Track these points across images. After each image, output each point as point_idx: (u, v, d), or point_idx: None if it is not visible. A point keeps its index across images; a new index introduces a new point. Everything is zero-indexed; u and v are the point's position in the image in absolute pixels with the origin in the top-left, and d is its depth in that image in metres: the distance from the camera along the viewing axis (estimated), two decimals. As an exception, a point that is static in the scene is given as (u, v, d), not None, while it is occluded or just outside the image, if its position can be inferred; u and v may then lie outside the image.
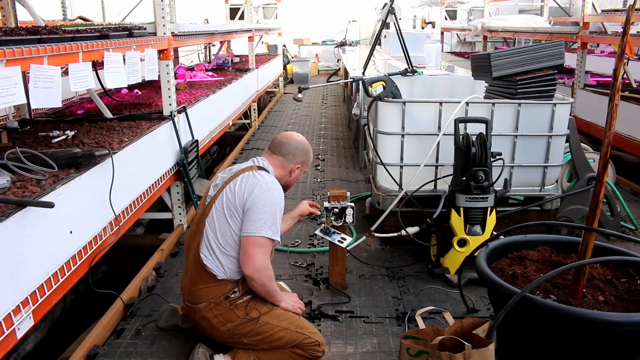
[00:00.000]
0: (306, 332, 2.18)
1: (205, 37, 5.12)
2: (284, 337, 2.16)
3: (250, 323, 2.15)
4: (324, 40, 15.10)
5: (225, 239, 2.15)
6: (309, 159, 2.43)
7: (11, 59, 1.93)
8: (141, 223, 4.79)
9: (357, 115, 5.18)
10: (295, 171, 2.38)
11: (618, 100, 1.89)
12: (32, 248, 1.95)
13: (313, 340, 2.18)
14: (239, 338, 2.17)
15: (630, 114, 4.73)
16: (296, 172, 2.38)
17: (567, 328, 1.83)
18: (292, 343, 2.16)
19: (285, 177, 2.35)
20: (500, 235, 2.43)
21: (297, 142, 2.38)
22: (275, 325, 2.16)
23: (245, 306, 2.17)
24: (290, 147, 2.35)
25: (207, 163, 7.35)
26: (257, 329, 2.15)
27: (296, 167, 2.37)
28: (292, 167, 2.36)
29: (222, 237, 2.15)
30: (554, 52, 3.30)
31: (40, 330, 3.40)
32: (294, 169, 2.36)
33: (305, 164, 2.42)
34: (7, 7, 3.66)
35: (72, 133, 2.93)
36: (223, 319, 2.15)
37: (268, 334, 2.15)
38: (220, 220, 2.15)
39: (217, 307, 2.16)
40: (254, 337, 2.16)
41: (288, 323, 2.18)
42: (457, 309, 2.72)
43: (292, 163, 2.35)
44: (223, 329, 2.16)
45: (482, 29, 8.80)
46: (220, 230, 2.15)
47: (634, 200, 4.38)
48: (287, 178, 2.37)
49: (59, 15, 7.40)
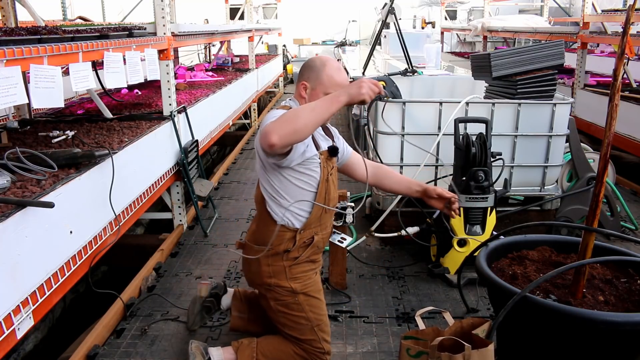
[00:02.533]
0: (320, 335, 2.14)
1: (205, 37, 5.12)
2: (302, 327, 2.11)
3: (289, 294, 2.10)
4: (324, 40, 15.08)
5: (269, 183, 2.05)
6: (320, 72, 2.06)
7: (11, 59, 1.93)
8: (141, 223, 4.79)
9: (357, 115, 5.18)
10: (306, 92, 2.08)
11: (618, 100, 1.89)
12: (32, 248, 1.95)
13: (321, 347, 2.13)
14: (270, 298, 2.12)
15: (630, 114, 4.73)
16: (308, 93, 2.07)
17: (567, 328, 1.83)
18: (302, 337, 2.11)
19: (300, 102, 2.10)
20: (500, 235, 2.43)
21: (309, 60, 2.14)
22: (303, 311, 2.11)
23: (297, 273, 2.11)
24: (301, 66, 2.14)
25: (207, 163, 7.34)
26: (288, 302, 2.10)
27: (302, 86, 2.09)
28: (299, 85, 2.10)
29: (265, 182, 2.06)
30: (554, 52, 3.30)
31: (40, 330, 3.40)
32: (300, 89, 2.09)
33: (315, 79, 2.06)
34: (7, 7, 3.66)
35: (72, 133, 2.93)
36: (272, 271, 2.09)
37: (292, 314, 2.10)
38: (258, 166, 2.09)
39: (273, 257, 2.09)
40: (280, 306, 2.11)
41: (314, 317, 2.12)
42: (457, 309, 2.72)
43: (299, 82, 2.11)
44: (266, 280, 2.10)
45: (482, 29, 8.79)
46: (262, 177, 2.08)
47: (634, 200, 4.38)
48: (304, 102, 2.08)
49: (59, 15, 7.40)
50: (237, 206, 4.37)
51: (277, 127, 1.74)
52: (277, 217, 2.05)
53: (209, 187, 3.95)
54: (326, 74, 2.05)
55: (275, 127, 1.74)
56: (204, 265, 3.27)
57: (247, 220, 4.03)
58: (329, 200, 2.10)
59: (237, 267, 3.23)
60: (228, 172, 5.43)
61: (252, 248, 2.12)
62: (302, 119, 1.76)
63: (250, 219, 4.04)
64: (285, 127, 1.74)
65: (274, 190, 2.05)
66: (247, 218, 4.08)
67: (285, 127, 1.74)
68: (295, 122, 1.75)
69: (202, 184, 3.90)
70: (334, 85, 2.04)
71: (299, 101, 2.10)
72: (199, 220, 3.82)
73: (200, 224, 3.81)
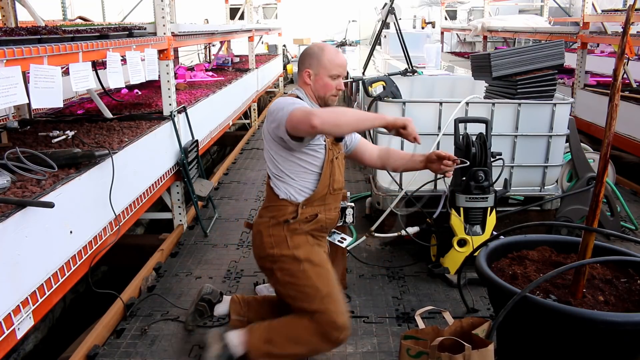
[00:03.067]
0: (332, 307, 2.07)
1: (205, 37, 5.12)
2: (311, 297, 2.07)
3: (293, 262, 2.11)
4: (324, 40, 15.08)
5: (273, 164, 2.15)
6: (320, 57, 2.15)
7: (11, 59, 1.93)
8: (141, 223, 4.79)
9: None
10: (310, 78, 2.17)
11: (618, 100, 1.89)
12: (32, 248, 1.95)
13: (334, 319, 2.06)
14: (276, 270, 2.14)
15: (630, 114, 4.73)
16: (312, 79, 2.17)
17: (567, 328, 1.83)
18: (312, 307, 2.07)
19: (306, 89, 2.19)
20: (500, 235, 2.43)
21: (306, 48, 2.21)
22: (310, 279, 2.09)
23: (299, 241, 2.13)
24: (299, 56, 2.21)
25: (207, 163, 7.35)
26: (294, 271, 2.11)
27: (305, 73, 2.17)
28: (302, 74, 2.19)
29: (270, 163, 2.17)
30: (554, 52, 3.30)
31: (40, 330, 3.40)
32: (304, 77, 2.18)
33: (317, 64, 2.15)
34: (7, 7, 3.66)
35: (72, 133, 2.93)
36: (274, 241, 2.13)
37: (299, 283, 2.09)
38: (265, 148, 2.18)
39: (274, 227, 2.14)
40: (287, 276, 2.12)
41: (322, 286, 2.09)
42: (457, 309, 2.72)
43: (301, 70, 2.19)
44: (270, 251, 2.14)
45: (482, 29, 8.79)
46: (267, 158, 2.17)
47: (634, 200, 4.38)
48: (309, 90, 2.19)
49: (59, 15, 7.40)
50: (237, 206, 4.37)
51: (323, 115, 1.89)
52: (279, 191, 2.15)
53: (209, 187, 3.95)
54: (326, 57, 2.16)
55: (322, 114, 1.89)
56: (204, 265, 3.27)
57: (247, 220, 4.03)
58: (333, 181, 2.19)
59: (237, 267, 3.23)
60: (228, 172, 5.43)
61: (255, 222, 2.23)
62: (347, 119, 1.94)
63: (250, 219, 4.04)
64: (330, 118, 1.90)
65: (277, 170, 2.14)
66: (247, 218, 4.08)
67: (331, 118, 1.91)
68: (341, 118, 1.93)
69: (202, 184, 3.90)
70: (336, 66, 2.16)
71: (304, 89, 2.20)
72: (199, 220, 3.82)
73: (200, 224, 3.81)
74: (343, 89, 2.25)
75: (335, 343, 2.11)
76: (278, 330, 2.14)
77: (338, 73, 2.17)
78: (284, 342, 2.11)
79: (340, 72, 2.18)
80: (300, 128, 1.95)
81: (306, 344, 2.11)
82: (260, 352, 2.13)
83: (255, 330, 2.17)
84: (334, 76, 2.16)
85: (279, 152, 2.12)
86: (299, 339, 2.10)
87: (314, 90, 2.19)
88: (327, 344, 2.11)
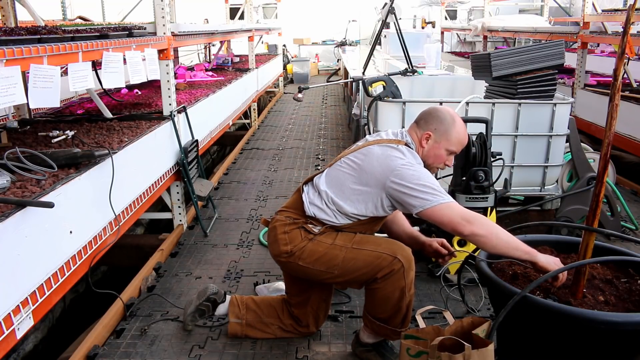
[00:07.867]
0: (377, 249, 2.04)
1: (205, 37, 5.12)
2: (339, 255, 2.05)
3: (304, 239, 2.10)
4: (324, 40, 15.10)
5: (339, 194, 2.08)
6: (450, 127, 2.06)
7: (11, 58, 1.93)
8: (141, 223, 4.79)
9: (357, 115, 5.18)
10: (428, 142, 2.09)
11: (618, 100, 1.89)
12: (32, 248, 1.95)
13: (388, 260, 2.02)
14: (294, 261, 2.12)
15: (630, 114, 4.73)
16: (429, 144, 2.09)
17: (567, 328, 1.82)
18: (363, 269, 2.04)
19: (418, 148, 2.11)
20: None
21: (436, 109, 2.12)
22: (333, 239, 2.09)
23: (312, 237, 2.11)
24: (425, 113, 2.11)
25: (207, 163, 7.35)
26: (309, 247, 2.09)
27: (425, 135, 2.09)
28: (422, 133, 2.09)
29: (334, 188, 2.09)
30: (554, 52, 3.30)
31: (40, 330, 3.40)
32: (422, 138, 2.09)
33: (442, 133, 2.06)
34: (7, 7, 3.66)
35: (72, 133, 2.93)
36: (289, 238, 2.12)
37: (323, 252, 2.08)
38: (347, 173, 2.09)
39: (291, 225, 2.14)
40: (307, 256, 2.09)
41: (344, 242, 2.08)
42: (457, 309, 2.72)
43: (423, 129, 2.09)
44: (284, 248, 2.13)
45: (482, 28, 8.80)
46: (337, 183, 2.09)
47: (634, 200, 4.38)
48: (422, 151, 2.11)
49: (58, 15, 7.40)
50: (237, 206, 4.37)
51: (480, 230, 1.89)
52: (309, 210, 2.12)
53: (209, 187, 3.95)
54: (456, 130, 2.08)
55: (480, 228, 1.89)
56: (203, 265, 3.27)
57: (247, 220, 4.03)
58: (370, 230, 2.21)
59: (237, 267, 3.23)
60: (228, 172, 5.43)
61: (273, 218, 2.22)
62: (497, 244, 1.92)
63: (250, 219, 4.04)
64: (484, 235, 1.90)
65: (334, 201, 2.09)
66: (247, 218, 4.08)
67: (485, 235, 1.90)
68: (492, 241, 1.91)
69: (202, 184, 3.90)
70: (459, 144, 2.11)
71: (417, 149, 2.11)
72: (199, 220, 3.82)
73: (200, 224, 3.81)
74: (451, 165, 2.20)
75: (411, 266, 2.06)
76: (382, 307, 2.11)
77: (457, 150, 2.12)
78: (394, 312, 2.11)
79: (459, 150, 2.12)
80: (443, 223, 1.90)
81: (401, 296, 2.08)
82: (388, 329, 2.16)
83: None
84: (451, 151, 2.11)
85: (360, 197, 2.05)
86: (395, 300, 2.08)
87: (424, 153, 2.12)
88: (409, 276, 2.06)
